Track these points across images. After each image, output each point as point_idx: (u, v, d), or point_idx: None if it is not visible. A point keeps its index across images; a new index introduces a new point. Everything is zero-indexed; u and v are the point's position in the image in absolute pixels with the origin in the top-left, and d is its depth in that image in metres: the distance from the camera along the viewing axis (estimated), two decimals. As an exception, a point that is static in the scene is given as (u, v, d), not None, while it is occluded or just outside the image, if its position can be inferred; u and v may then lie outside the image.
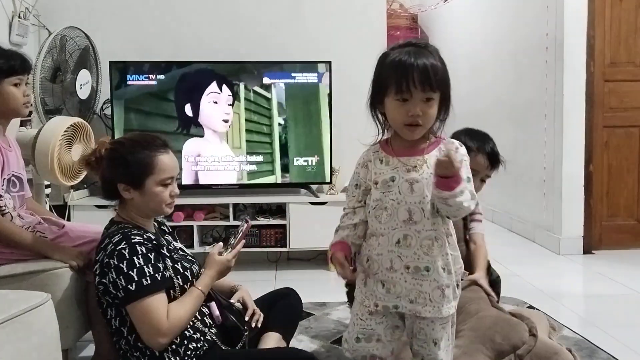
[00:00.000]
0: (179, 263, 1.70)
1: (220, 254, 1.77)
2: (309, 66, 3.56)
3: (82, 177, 2.61)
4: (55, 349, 1.52)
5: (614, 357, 2.19)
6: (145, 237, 1.65)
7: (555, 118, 3.95)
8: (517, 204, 4.57)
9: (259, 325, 1.87)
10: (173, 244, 1.82)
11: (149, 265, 1.58)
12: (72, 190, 3.34)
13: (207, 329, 1.71)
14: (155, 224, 1.83)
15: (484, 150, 2.14)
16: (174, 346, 1.62)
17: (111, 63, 3.48)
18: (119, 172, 1.68)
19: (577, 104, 3.84)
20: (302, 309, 2.15)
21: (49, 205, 3.06)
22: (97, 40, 3.42)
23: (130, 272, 1.56)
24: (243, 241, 1.82)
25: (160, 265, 1.61)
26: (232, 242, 1.81)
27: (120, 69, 3.48)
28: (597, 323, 1.94)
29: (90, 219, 3.15)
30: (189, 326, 1.67)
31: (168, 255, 1.69)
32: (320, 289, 3.20)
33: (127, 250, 1.58)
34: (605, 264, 3.61)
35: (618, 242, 3.93)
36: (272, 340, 1.90)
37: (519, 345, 1.79)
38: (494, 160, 2.15)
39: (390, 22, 4.41)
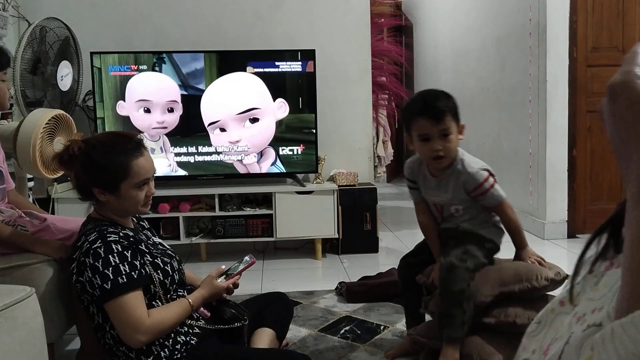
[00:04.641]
0: (158, 258, 1.70)
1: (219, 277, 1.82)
2: (293, 54, 3.55)
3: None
4: (40, 343, 1.52)
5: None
6: (122, 234, 1.64)
7: (539, 103, 3.97)
8: (503, 189, 4.58)
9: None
10: (152, 239, 1.81)
11: (125, 263, 1.58)
12: (55, 183, 3.30)
13: (194, 322, 1.71)
14: (134, 219, 1.82)
15: (418, 113, 1.87)
16: (161, 339, 1.62)
17: (92, 54, 3.44)
18: (93, 177, 1.66)
19: (560, 90, 3.87)
20: (293, 315, 2.20)
21: (33, 199, 3.03)
22: (77, 31, 3.38)
23: (105, 270, 1.55)
24: (242, 274, 1.87)
25: (136, 262, 1.61)
26: (232, 272, 1.85)
27: (102, 60, 3.44)
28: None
29: (74, 211, 3.12)
30: None
31: (147, 250, 1.68)
32: (307, 277, 3.21)
33: (102, 249, 1.58)
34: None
35: (602, 225, 3.96)
36: (265, 335, 1.92)
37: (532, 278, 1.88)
38: (434, 113, 1.84)
39: (373, 10, 4.40)
